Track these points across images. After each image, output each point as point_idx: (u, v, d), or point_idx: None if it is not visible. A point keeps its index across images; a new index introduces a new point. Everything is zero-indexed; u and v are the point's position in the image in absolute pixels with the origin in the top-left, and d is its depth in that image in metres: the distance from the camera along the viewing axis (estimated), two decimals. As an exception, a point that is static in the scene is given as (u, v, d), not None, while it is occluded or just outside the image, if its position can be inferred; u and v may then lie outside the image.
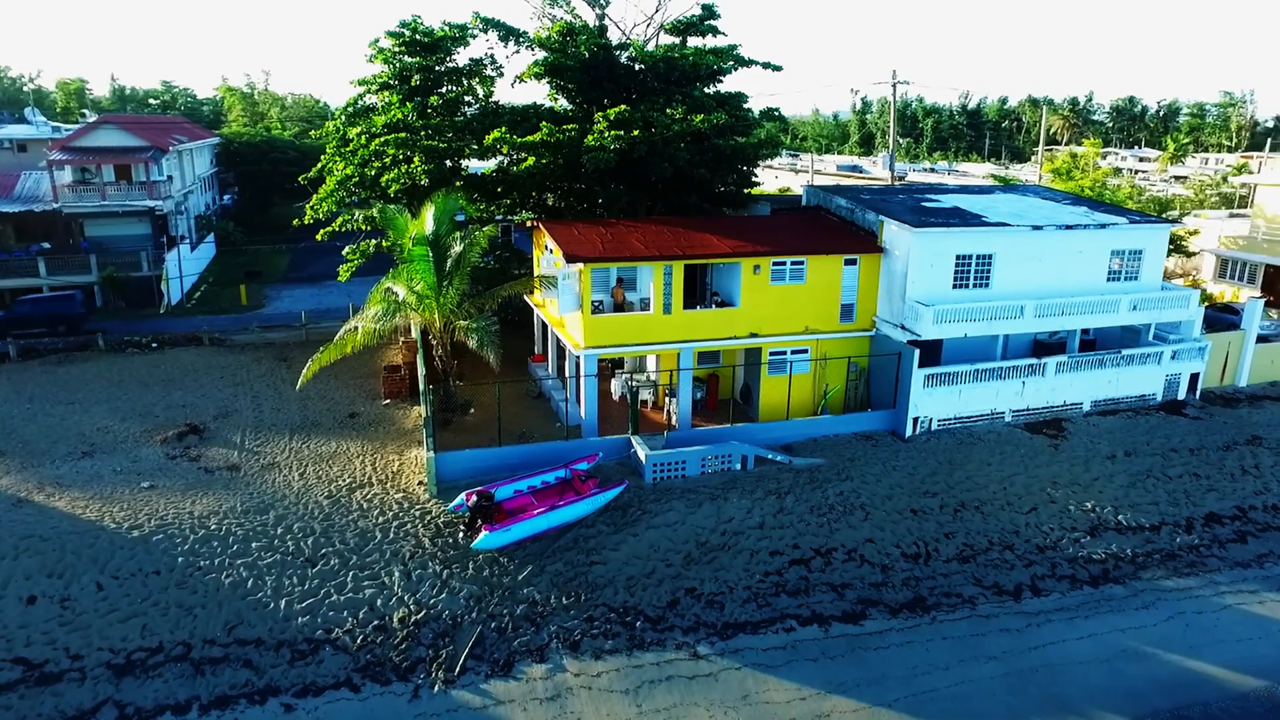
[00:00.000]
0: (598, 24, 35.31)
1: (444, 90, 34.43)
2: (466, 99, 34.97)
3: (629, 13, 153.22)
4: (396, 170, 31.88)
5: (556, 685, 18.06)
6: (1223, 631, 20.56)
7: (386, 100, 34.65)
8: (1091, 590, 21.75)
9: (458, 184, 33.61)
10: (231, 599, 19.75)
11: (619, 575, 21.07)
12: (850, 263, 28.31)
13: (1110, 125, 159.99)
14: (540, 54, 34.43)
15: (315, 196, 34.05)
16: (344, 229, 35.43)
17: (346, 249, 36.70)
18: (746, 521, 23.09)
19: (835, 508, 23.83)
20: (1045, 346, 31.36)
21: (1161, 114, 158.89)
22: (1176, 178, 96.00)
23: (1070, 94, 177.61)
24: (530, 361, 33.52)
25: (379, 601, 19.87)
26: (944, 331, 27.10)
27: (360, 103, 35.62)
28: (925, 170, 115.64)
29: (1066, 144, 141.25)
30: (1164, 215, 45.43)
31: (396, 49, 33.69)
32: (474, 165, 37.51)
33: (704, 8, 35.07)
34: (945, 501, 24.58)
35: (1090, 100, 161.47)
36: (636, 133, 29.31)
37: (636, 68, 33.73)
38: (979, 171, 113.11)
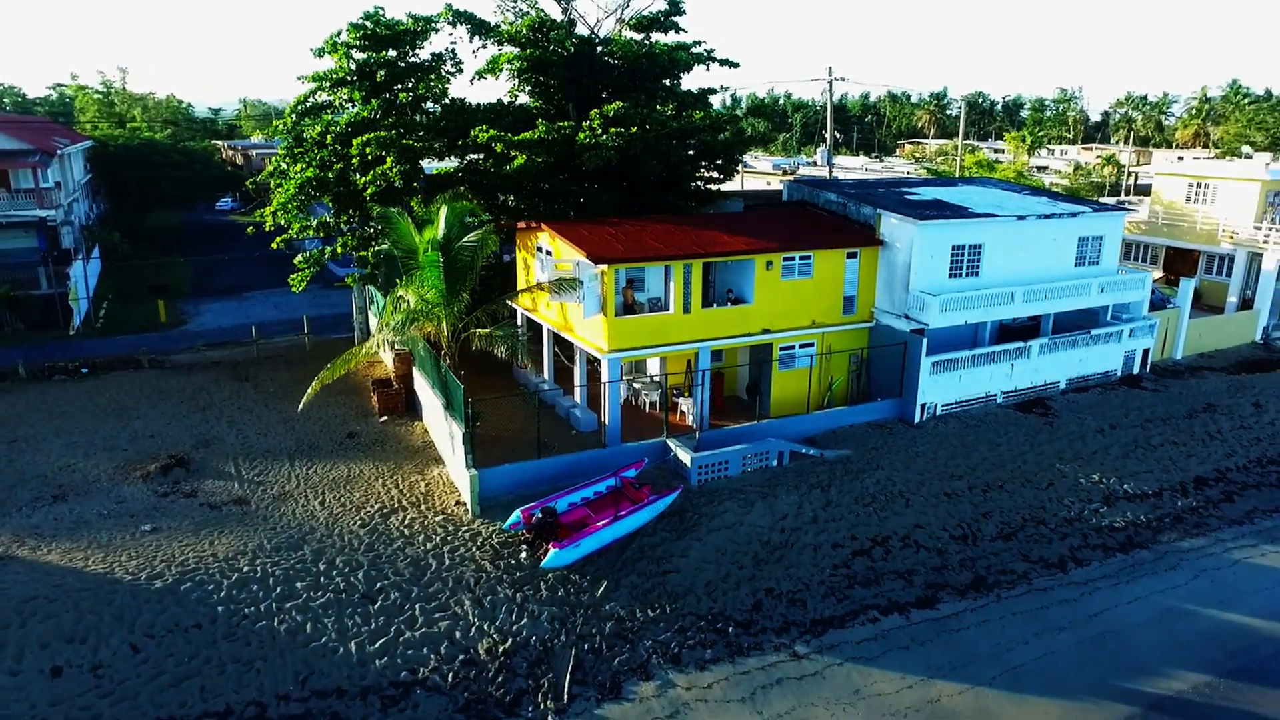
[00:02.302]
0: (564, 18, 34.37)
1: (409, 86, 32.55)
2: (429, 95, 33.21)
3: (589, 8, 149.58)
4: (372, 173, 29.87)
5: (672, 702, 17.46)
6: (1241, 585, 22.34)
7: (345, 97, 32.46)
8: (1124, 557, 23.15)
9: (414, 185, 31.94)
10: (293, 647, 17.93)
11: (696, 582, 20.63)
12: (852, 256, 28.90)
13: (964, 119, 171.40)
14: (508, 49, 33.26)
15: (276, 201, 31.43)
16: (303, 236, 33.06)
17: (298, 257, 34.27)
18: (800, 517, 23.16)
19: (877, 497, 24.29)
20: (1010, 331, 33.14)
21: (1007, 108, 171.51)
22: (1038, 168, 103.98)
23: (925, 89, 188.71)
24: (516, 368, 32.28)
25: (457, 634, 18.58)
26: (948, 319, 28.15)
27: (311, 100, 33.15)
28: (810, 164, 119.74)
29: (933, 137, 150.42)
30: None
31: (356, 42, 31.58)
32: (426, 166, 35.76)
33: (670, 3, 34.78)
34: (972, 483, 25.54)
35: (945, 95, 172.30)
36: (635, 130, 28.72)
37: (612, 63, 33.06)
38: (854, 164, 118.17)
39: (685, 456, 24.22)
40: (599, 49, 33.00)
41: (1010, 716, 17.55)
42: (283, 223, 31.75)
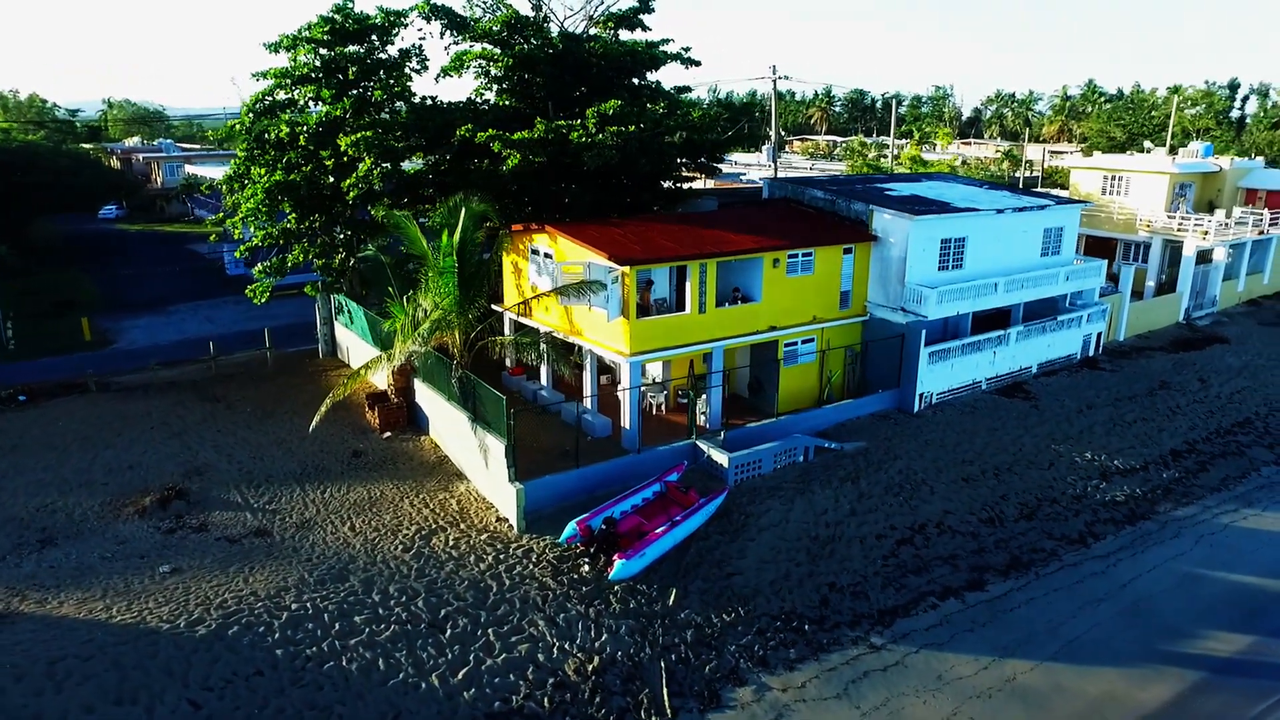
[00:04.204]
0: (538, 15, 33.47)
1: (380, 82, 30.88)
2: (400, 93, 31.63)
3: (556, 5, 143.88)
4: (354, 175, 28.19)
5: (773, 704, 17.35)
6: (1237, 546, 24.17)
7: (310, 95, 30.50)
8: (1132, 529, 24.63)
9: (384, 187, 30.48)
10: (370, 686, 16.74)
11: (760, 582, 20.57)
12: (847, 252, 29.47)
13: (846, 115, 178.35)
14: (480, 45, 32.15)
15: (243, 208, 29.19)
16: (266, 244, 30.92)
17: (257, 268, 32.07)
18: (839, 511, 23.47)
19: (904, 487, 24.90)
20: (980, 320, 34.57)
21: (887, 104, 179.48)
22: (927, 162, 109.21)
23: (810, 87, 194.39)
24: (507, 375, 31.25)
25: (540, 656, 17.83)
26: (943, 311, 29.14)
27: (270, 99, 30.96)
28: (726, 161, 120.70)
29: (825, 133, 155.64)
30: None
31: (321, 36, 29.73)
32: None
33: (639, 0, 34.43)
34: (983, 468, 26.56)
35: (830, 92, 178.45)
36: (633, 128, 28.28)
37: (592, 60, 32.43)
38: (749, 160, 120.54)
39: (721, 457, 24.09)
40: (581, 46, 32.30)
41: (1082, 688, 18.37)
42: (253, 229, 29.55)
